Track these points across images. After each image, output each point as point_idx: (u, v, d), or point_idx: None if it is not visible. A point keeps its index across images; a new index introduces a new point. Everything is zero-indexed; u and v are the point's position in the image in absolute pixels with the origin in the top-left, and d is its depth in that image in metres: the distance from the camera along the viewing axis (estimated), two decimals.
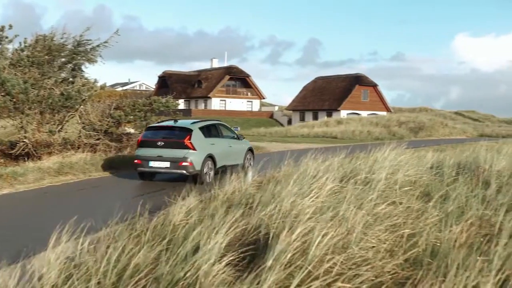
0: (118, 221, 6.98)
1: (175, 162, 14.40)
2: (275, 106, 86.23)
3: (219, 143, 15.85)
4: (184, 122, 16.01)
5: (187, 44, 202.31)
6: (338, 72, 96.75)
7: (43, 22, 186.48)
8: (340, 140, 42.35)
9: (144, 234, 6.36)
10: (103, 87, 22.47)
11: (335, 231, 5.80)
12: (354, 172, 9.83)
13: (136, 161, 15.03)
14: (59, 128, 19.41)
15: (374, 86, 70.18)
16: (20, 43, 20.19)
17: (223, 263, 5.16)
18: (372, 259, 5.50)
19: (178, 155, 14.41)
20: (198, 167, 14.43)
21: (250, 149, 17.97)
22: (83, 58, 21.48)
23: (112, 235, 6.48)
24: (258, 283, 4.67)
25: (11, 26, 19.65)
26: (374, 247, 5.86)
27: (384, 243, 6.02)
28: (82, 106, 20.01)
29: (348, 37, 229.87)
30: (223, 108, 75.40)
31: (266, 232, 6.21)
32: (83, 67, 21.94)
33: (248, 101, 79.54)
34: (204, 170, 14.68)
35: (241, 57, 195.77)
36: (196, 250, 5.39)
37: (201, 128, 15.31)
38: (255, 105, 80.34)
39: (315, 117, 67.78)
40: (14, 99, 17.88)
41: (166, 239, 5.95)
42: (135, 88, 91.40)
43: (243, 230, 6.41)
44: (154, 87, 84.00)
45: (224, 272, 5.08)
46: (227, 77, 76.21)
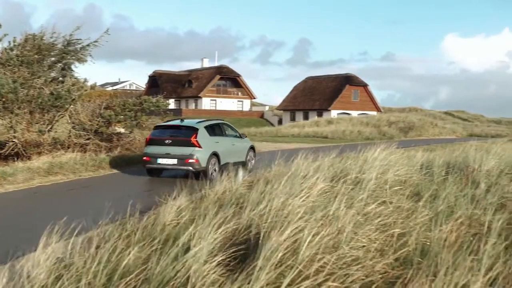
0: (109, 221, 6.96)
1: (182, 159, 15.15)
2: (265, 106, 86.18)
3: (223, 141, 16.59)
4: (190, 122, 16.82)
5: (177, 44, 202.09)
6: (329, 72, 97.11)
7: (32, 21, 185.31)
8: (331, 140, 42.42)
9: (135, 234, 6.35)
10: (93, 87, 22.36)
11: (325, 231, 5.82)
12: (345, 172, 9.85)
13: (145, 158, 15.78)
14: (48, 128, 19.28)
15: (364, 86, 70.38)
16: (9, 42, 20.03)
17: (214, 262, 5.17)
18: (362, 258, 5.52)
19: (185, 152, 15.16)
20: (203, 164, 15.17)
21: (252, 147, 18.73)
22: (73, 58, 21.33)
23: (102, 236, 6.46)
24: (249, 283, 4.67)
25: (0, 25, 19.52)
26: (364, 246, 5.88)
27: (375, 243, 6.04)
28: (72, 106, 19.89)
29: (339, 37, 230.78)
30: (214, 108, 75.24)
31: (256, 231, 6.21)
32: (73, 67, 21.80)
33: (238, 101, 79.47)
34: (209, 166, 15.36)
35: (232, 57, 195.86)
36: (187, 250, 5.39)
37: (206, 127, 16.07)
38: (246, 105, 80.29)
39: (306, 117, 67.84)
40: (3, 99, 17.76)
41: (157, 239, 5.94)
42: (125, 88, 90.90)
43: (234, 229, 6.41)
44: (145, 86, 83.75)
45: (215, 272, 5.08)
46: (218, 77, 76.08)
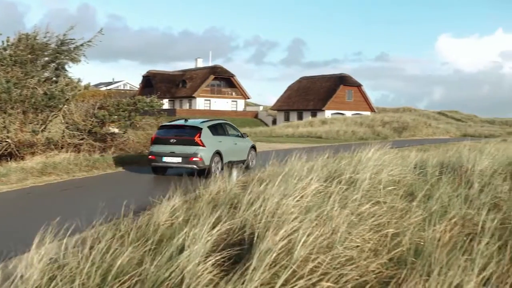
0: (102, 221, 6.93)
1: (187, 158, 15.68)
2: (259, 106, 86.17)
3: (225, 140, 17.10)
4: (194, 121, 17.38)
5: (172, 44, 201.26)
6: (323, 72, 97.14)
7: (26, 20, 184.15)
8: (325, 140, 42.46)
9: (129, 235, 6.32)
10: (87, 87, 22.34)
11: (319, 231, 5.82)
12: (339, 172, 9.85)
13: (150, 156, 16.28)
14: (42, 128, 19.21)
15: (359, 86, 70.51)
16: (2, 42, 20.02)
17: (209, 263, 5.16)
18: (356, 258, 5.52)
19: (189, 151, 15.71)
20: (207, 162, 15.69)
21: (253, 146, 19.21)
22: (67, 58, 21.31)
23: (96, 236, 6.43)
24: (243, 283, 4.67)
25: None
26: (358, 246, 5.89)
27: (369, 243, 6.05)
28: (65, 106, 19.85)
29: (333, 37, 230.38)
30: (208, 108, 75.17)
31: (251, 232, 6.21)
32: (66, 67, 21.83)
33: (232, 101, 79.43)
34: (212, 165, 15.82)
35: (226, 57, 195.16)
36: (181, 250, 5.38)
37: (209, 127, 16.64)
38: (240, 105, 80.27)
39: (300, 117, 67.86)
40: None
41: (151, 240, 5.93)
42: (119, 88, 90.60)
43: (228, 230, 6.41)
44: (139, 86, 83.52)
45: (210, 272, 5.07)
46: (212, 77, 75.98)
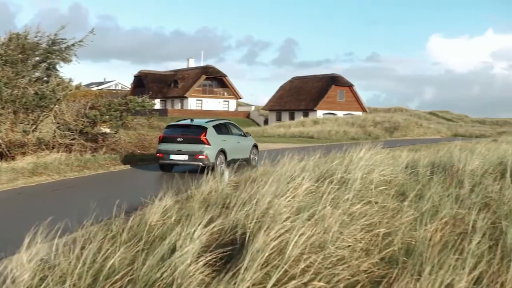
0: (94, 222, 6.90)
1: (193, 155, 16.62)
2: (251, 106, 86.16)
3: (229, 139, 18.00)
4: (199, 121, 18.42)
5: (163, 44, 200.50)
6: (315, 72, 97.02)
7: (17, 20, 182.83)
8: (317, 140, 42.52)
9: (120, 235, 6.30)
10: (78, 87, 22.24)
11: (311, 231, 5.83)
12: (330, 172, 9.86)
13: (158, 154, 17.18)
14: (33, 128, 19.13)
15: (350, 86, 70.70)
16: None
17: (200, 263, 5.15)
18: (348, 258, 5.54)
19: (195, 149, 16.62)
20: (212, 160, 16.57)
21: (255, 145, 20.10)
22: (58, 57, 21.23)
23: (87, 236, 6.40)
24: (235, 283, 4.67)
25: None
26: (350, 246, 5.90)
27: (360, 242, 6.06)
28: (56, 106, 19.77)
29: (325, 37, 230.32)
30: (200, 108, 75.03)
31: (243, 232, 6.21)
32: (57, 66, 21.74)
33: (224, 101, 79.36)
34: (217, 162, 16.68)
35: (218, 57, 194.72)
36: (173, 250, 5.37)
37: (214, 126, 17.55)
38: (232, 105, 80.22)
39: (292, 117, 67.93)
40: None
41: (143, 240, 5.91)
42: (111, 88, 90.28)
43: (220, 230, 6.40)
44: (130, 86, 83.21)
45: (201, 272, 5.07)
46: (204, 77, 75.87)
